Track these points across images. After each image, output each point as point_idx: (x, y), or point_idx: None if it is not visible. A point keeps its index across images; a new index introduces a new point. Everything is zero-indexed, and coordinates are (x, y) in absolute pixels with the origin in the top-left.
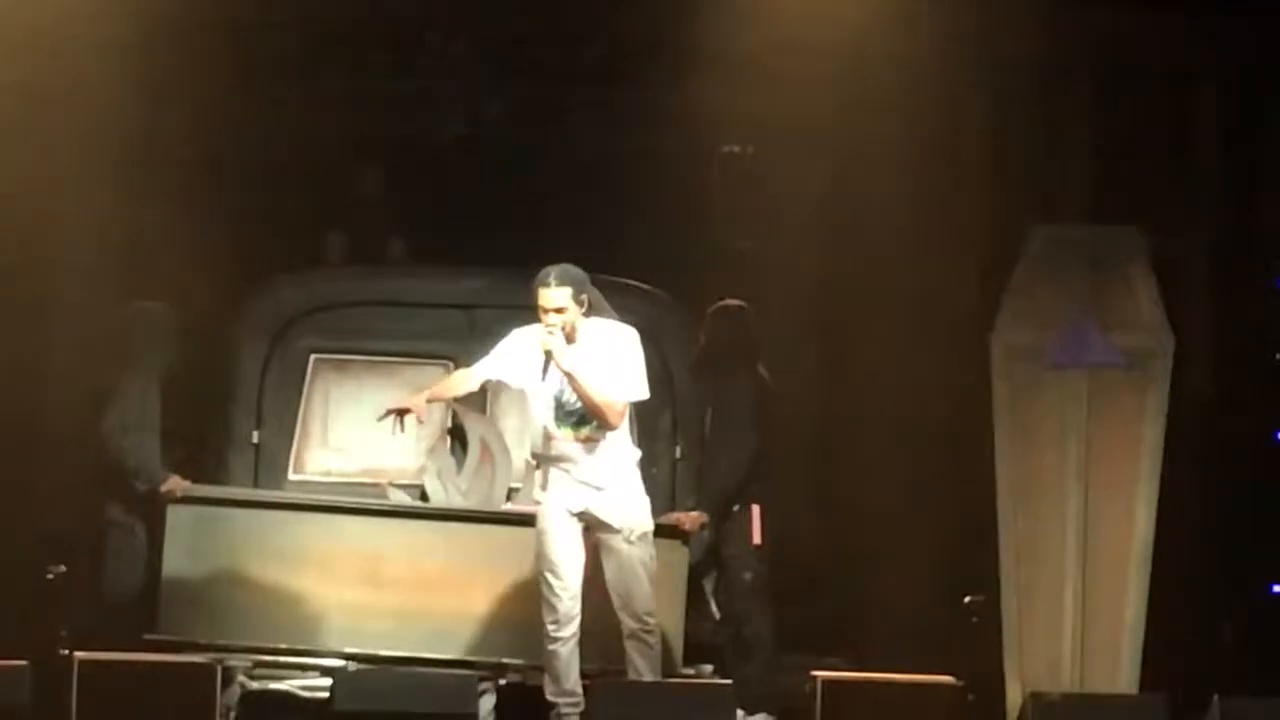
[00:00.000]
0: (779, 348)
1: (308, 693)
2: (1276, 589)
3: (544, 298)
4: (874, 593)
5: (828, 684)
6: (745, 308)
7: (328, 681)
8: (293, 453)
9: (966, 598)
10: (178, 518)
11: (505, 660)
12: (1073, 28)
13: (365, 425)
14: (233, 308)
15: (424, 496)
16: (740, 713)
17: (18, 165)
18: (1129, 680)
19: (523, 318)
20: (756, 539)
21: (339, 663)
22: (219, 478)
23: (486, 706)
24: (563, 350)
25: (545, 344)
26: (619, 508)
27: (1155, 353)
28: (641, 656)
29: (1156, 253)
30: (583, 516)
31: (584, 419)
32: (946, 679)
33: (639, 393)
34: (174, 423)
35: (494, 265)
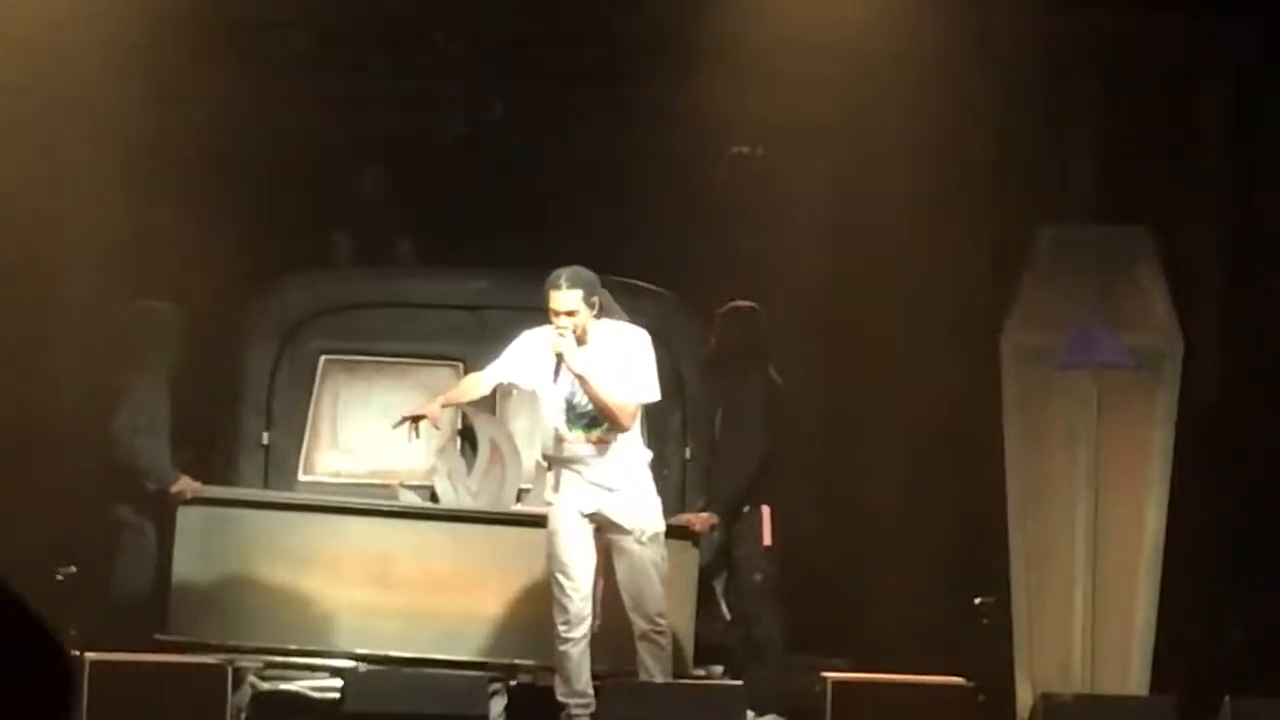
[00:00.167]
0: (788, 349)
1: (318, 693)
2: None
3: (555, 300)
4: (884, 594)
5: (838, 685)
6: (756, 309)
7: (338, 682)
8: (302, 454)
9: (977, 599)
10: (188, 519)
11: (516, 661)
12: (1077, 28)
13: (375, 426)
14: (241, 308)
15: (434, 497)
16: (750, 713)
17: (23, 166)
18: (1139, 681)
19: (532, 319)
20: (767, 540)
21: (349, 664)
22: (229, 479)
23: (497, 708)
24: (574, 353)
25: (556, 346)
26: (631, 509)
27: (1165, 353)
28: (653, 658)
29: (1166, 253)
30: (594, 518)
31: (595, 421)
32: (957, 680)
33: (651, 394)
34: (183, 424)
35: (502, 266)
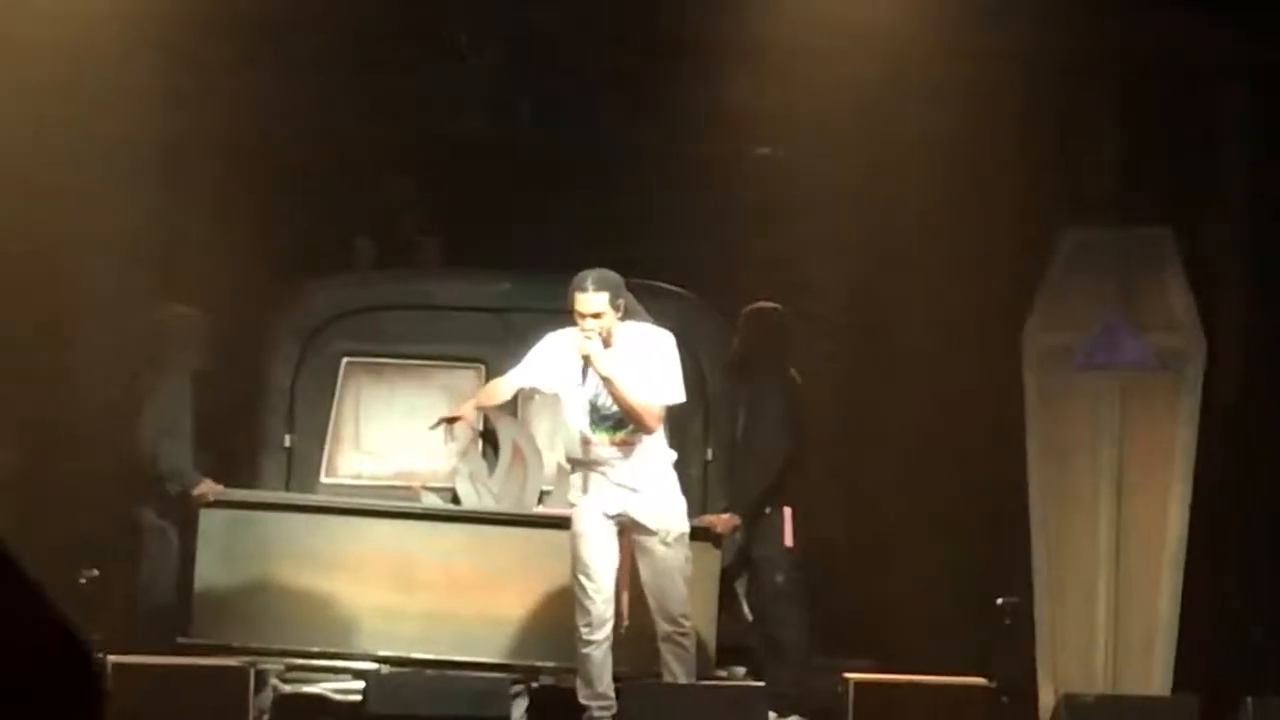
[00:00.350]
0: (810, 350)
1: (340, 695)
2: None
3: (581, 303)
4: (906, 594)
5: (860, 686)
6: (779, 310)
7: (360, 684)
8: (325, 456)
9: (999, 599)
10: (210, 521)
11: (538, 663)
12: (1099, 28)
13: (397, 429)
14: (263, 311)
15: (456, 500)
16: (773, 715)
17: (47, 169)
18: (1162, 681)
19: (555, 320)
20: (788, 541)
21: (371, 665)
22: (251, 481)
23: (519, 710)
24: (601, 355)
25: (583, 349)
26: (656, 510)
27: (1187, 354)
28: (677, 660)
29: (1188, 254)
30: (619, 519)
31: (620, 423)
32: (979, 681)
33: (676, 396)
34: (206, 427)
35: (525, 268)
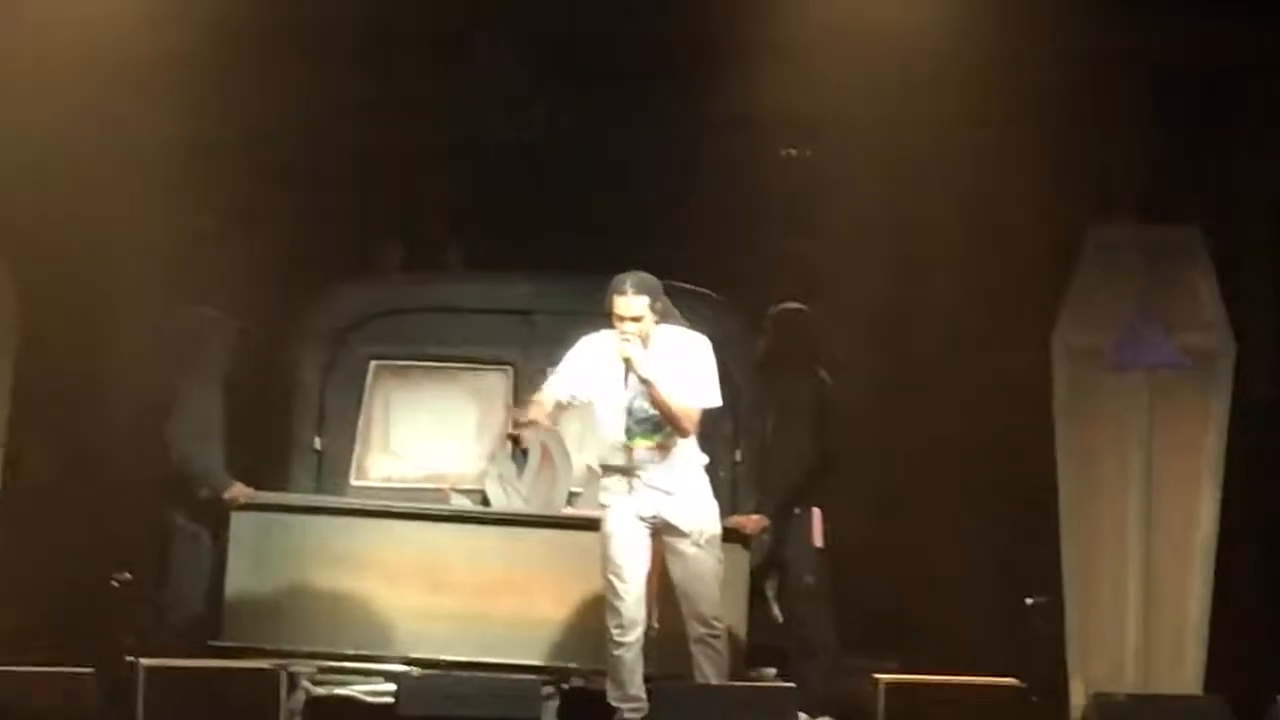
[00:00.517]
0: (838, 350)
1: (372, 698)
2: None
3: (621, 305)
4: (936, 595)
5: (890, 686)
6: (806, 310)
7: (391, 687)
8: (354, 459)
9: (1029, 599)
10: (241, 524)
11: (568, 665)
12: (1130, 24)
13: (426, 431)
14: (292, 315)
15: (485, 501)
16: (803, 715)
17: (77, 174)
18: (1193, 680)
19: (581, 322)
20: (818, 541)
21: (402, 668)
22: (282, 484)
23: (550, 711)
24: (642, 358)
25: (623, 352)
26: (689, 512)
27: (1217, 352)
28: (709, 661)
29: (1216, 252)
30: (652, 521)
31: (656, 427)
32: (1009, 681)
33: (713, 399)
34: (236, 430)
35: (551, 270)
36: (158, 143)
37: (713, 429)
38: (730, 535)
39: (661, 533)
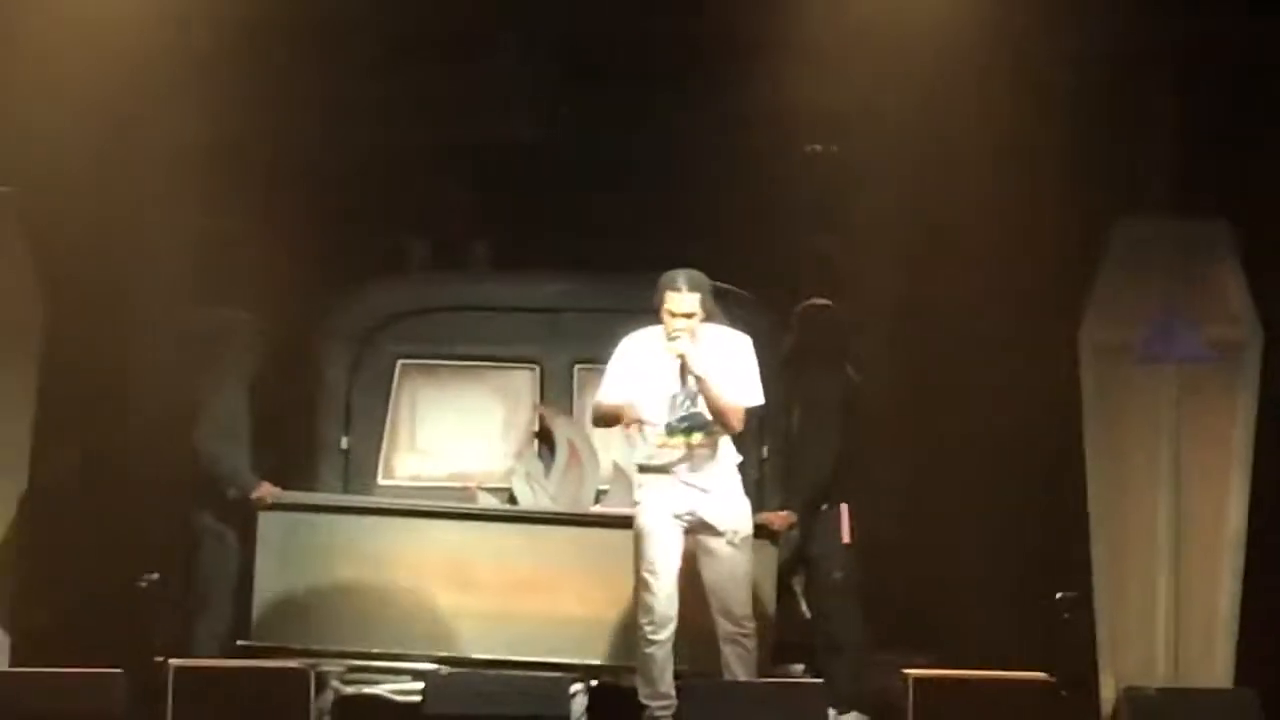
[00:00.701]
0: (865, 346)
1: (400, 696)
2: None
3: (674, 302)
4: (965, 590)
5: (919, 682)
6: (833, 307)
7: (420, 685)
8: (381, 458)
9: (1059, 594)
10: (269, 524)
11: (596, 662)
12: (1156, 19)
13: (452, 429)
14: (318, 315)
15: (512, 500)
16: (832, 711)
17: (100, 177)
18: (1223, 674)
19: (607, 320)
20: (846, 538)
21: (431, 666)
22: (309, 484)
23: (578, 708)
24: (696, 355)
25: (677, 348)
26: (724, 510)
27: (1244, 346)
28: (739, 660)
29: (1243, 245)
30: (687, 519)
31: (698, 424)
32: (1039, 676)
33: (756, 398)
34: (263, 430)
35: (577, 268)
36: (181, 143)
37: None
38: (758, 532)
39: (695, 531)
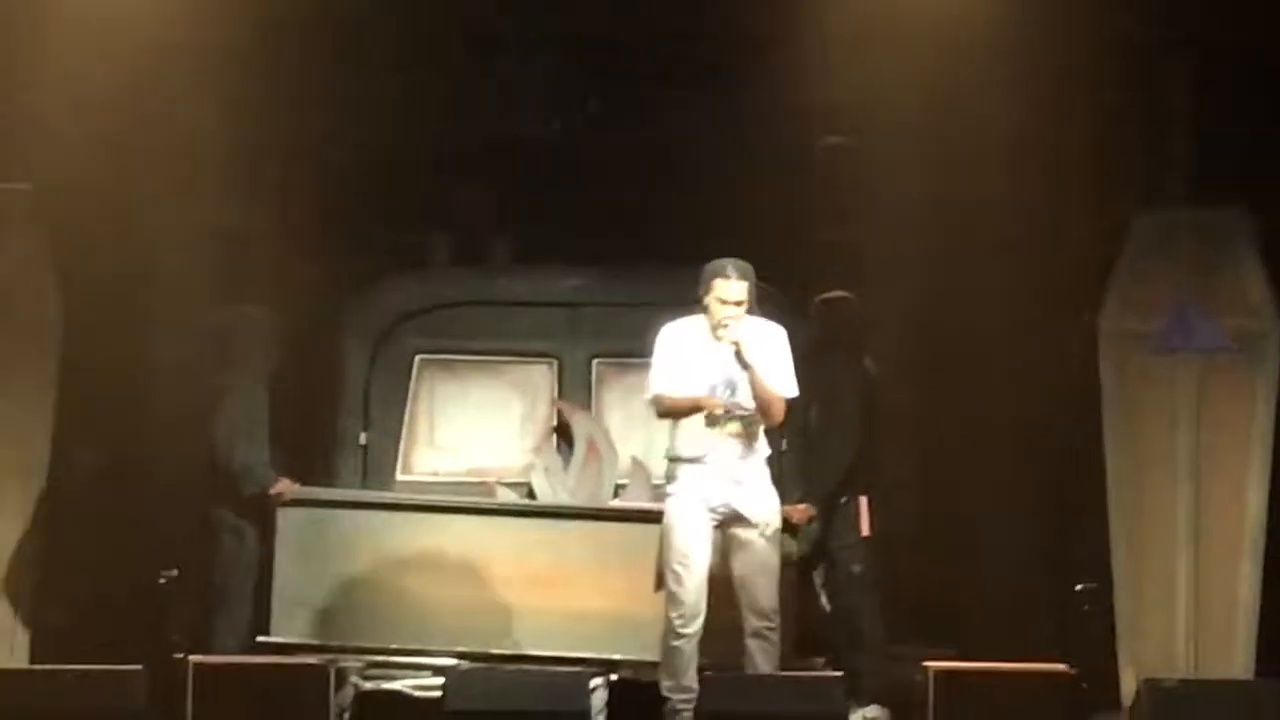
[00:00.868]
0: (883, 339)
1: (420, 692)
2: None
3: (725, 289)
4: (984, 582)
5: (939, 674)
6: (851, 299)
7: (440, 680)
8: (400, 453)
9: (1078, 585)
10: (288, 520)
11: (616, 656)
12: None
13: (471, 425)
14: (336, 310)
15: (531, 495)
16: (851, 704)
17: (119, 174)
18: (1244, 665)
19: (624, 315)
20: (865, 530)
21: (451, 661)
22: (327, 480)
23: (598, 703)
24: (749, 344)
25: (731, 335)
26: (758, 502)
27: (1265, 335)
28: (763, 654)
29: (1262, 234)
30: (721, 511)
31: (735, 415)
32: (1059, 667)
33: (793, 389)
34: (282, 426)
35: (595, 263)
36: (198, 140)
37: None
38: None
39: (728, 524)
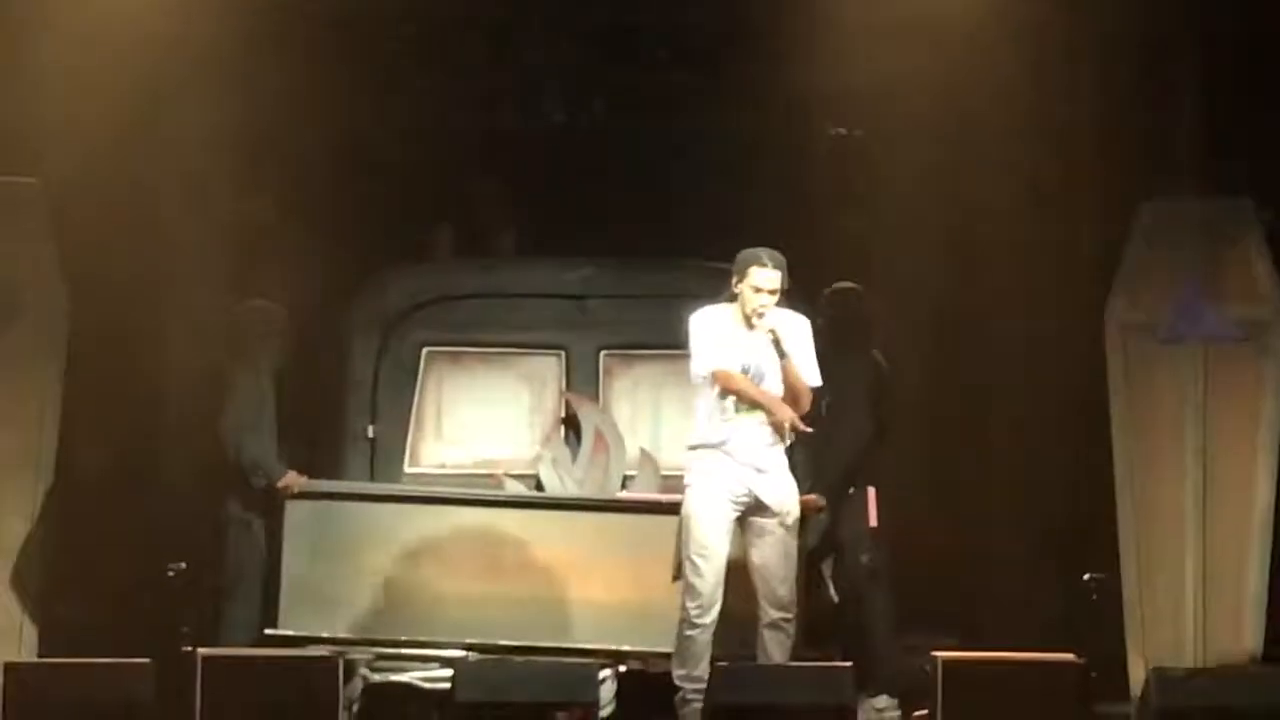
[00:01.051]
0: (892, 329)
1: (429, 684)
2: None
3: (762, 278)
4: (993, 572)
5: (948, 664)
6: (860, 290)
7: (449, 672)
8: (408, 446)
9: (1086, 575)
10: (296, 513)
11: (625, 648)
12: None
13: (479, 416)
14: (344, 303)
15: (539, 486)
16: (860, 694)
17: (131, 167)
18: (1253, 654)
19: (632, 307)
20: (873, 521)
21: (460, 653)
22: (335, 472)
23: (607, 694)
24: (786, 332)
25: (768, 324)
26: (779, 491)
27: (1272, 324)
28: (779, 646)
29: (1270, 223)
30: (743, 500)
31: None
32: (1068, 657)
33: (817, 379)
34: (289, 419)
35: (602, 254)
36: (209, 133)
37: None
38: None
39: (750, 513)
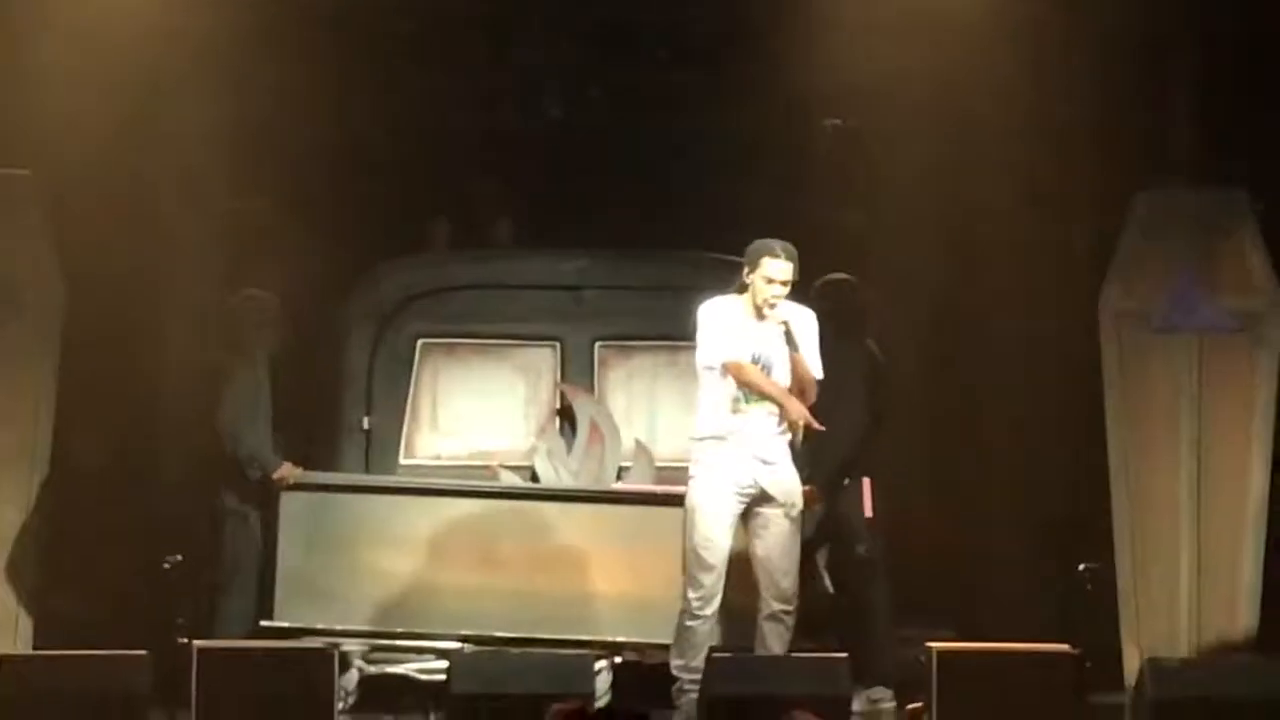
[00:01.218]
0: (886, 320)
1: (425, 675)
2: None
3: (775, 269)
4: (988, 562)
5: (943, 655)
6: (854, 281)
7: (444, 664)
8: (403, 437)
9: (1081, 565)
10: (291, 505)
11: (621, 639)
12: None
13: (474, 408)
14: (340, 295)
15: (534, 478)
16: (856, 685)
17: (129, 160)
18: (1247, 644)
19: (627, 298)
20: (868, 512)
21: (455, 645)
22: (331, 464)
23: (603, 685)
24: (798, 323)
25: (781, 315)
26: (784, 482)
27: (1265, 315)
28: (778, 638)
29: (1264, 214)
30: (749, 491)
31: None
32: (1062, 648)
33: (820, 371)
34: (285, 411)
35: (597, 246)
36: (205, 127)
37: None
38: None
39: (755, 504)
